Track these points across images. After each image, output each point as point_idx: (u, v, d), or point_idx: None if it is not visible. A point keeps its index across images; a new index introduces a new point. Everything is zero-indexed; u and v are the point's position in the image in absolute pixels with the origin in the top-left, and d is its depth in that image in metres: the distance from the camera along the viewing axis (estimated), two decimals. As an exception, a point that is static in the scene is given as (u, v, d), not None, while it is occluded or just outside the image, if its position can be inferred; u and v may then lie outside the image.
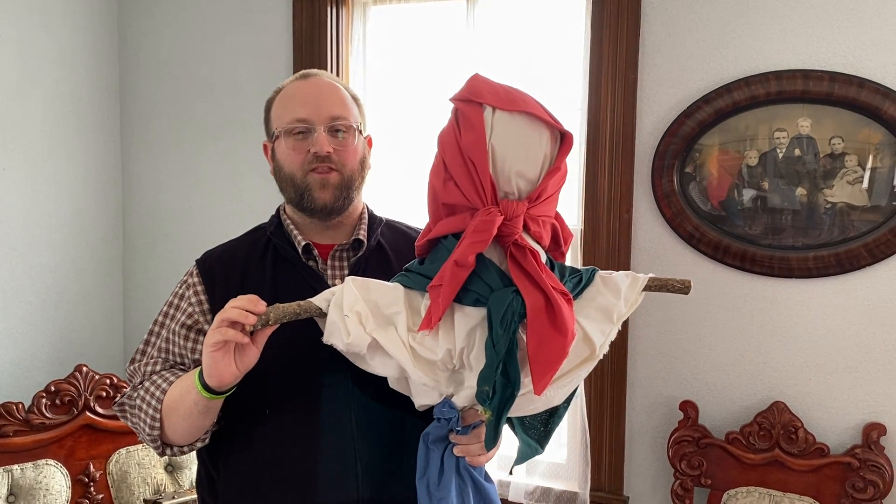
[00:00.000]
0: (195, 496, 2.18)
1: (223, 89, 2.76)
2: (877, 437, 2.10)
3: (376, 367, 1.18)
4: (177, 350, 1.41)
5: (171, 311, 1.44)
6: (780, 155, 2.16)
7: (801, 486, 2.13)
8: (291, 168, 1.40)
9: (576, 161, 2.39)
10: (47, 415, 2.25)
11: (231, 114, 2.76)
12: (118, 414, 1.43)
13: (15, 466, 2.16)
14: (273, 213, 1.52)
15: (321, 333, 1.25)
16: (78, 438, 2.29)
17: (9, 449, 2.16)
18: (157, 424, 1.33)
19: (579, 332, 1.14)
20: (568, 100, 2.41)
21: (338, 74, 2.62)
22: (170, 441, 1.36)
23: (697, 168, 2.23)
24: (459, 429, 1.17)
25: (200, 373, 1.23)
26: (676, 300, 2.28)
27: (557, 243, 1.23)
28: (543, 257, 1.17)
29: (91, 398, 2.31)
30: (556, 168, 1.15)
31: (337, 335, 1.14)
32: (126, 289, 2.91)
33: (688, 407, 2.24)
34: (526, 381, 1.10)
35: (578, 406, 2.36)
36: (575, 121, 2.37)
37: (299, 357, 1.34)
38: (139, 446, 2.35)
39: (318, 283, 1.37)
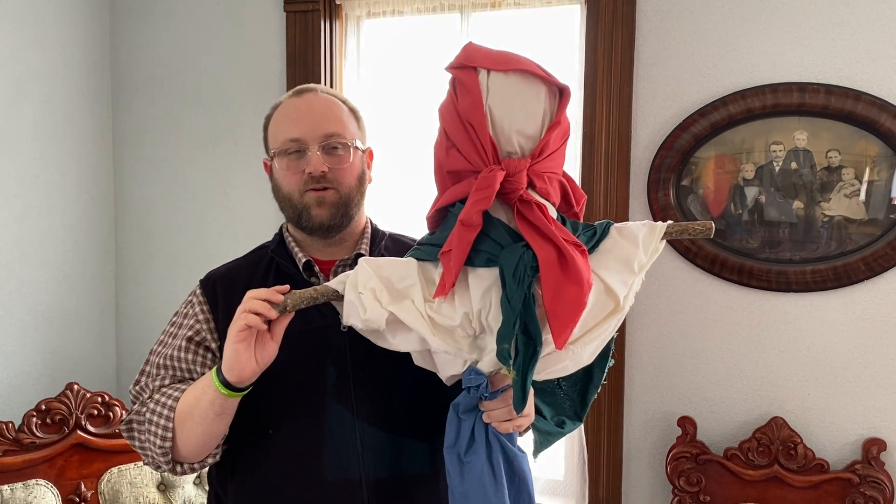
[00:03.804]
0: (187, 516, 2.16)
1: (216, 103, 2.75)
2: (877, 452, 2.08)
3: (398, 343, 1.17)
4: (183, 366, 1.39)
5: (175, 330, 1.43)
6: (777, 168, 2.15)
7: (801, 502, 2.11)
8: (288, 189, 1.39)
9: (572, 173, 2.37)
10: (38, 434, 2.22)
11: (224, 128, 2.75)
12: (124, 434, 1.40)
13: (5, 487, 2.13)
14: (274, 229, 1.51)
15: (322, 351, 1.28)
16: (69, 458, 2.26)
17: (-1, 469, 2.14)
18: (170, 434, 1.30)
19: (600, 284, 1.12)
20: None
21: (331, 88, 2.61)
22: (181, 456, 1.34)
23: (694, 181, 2.22)
24: (488, 395, 1.16)
25: (218, 370, 1.23)
26: (673, 314, 2.27)
27: (569, 203, 1.22)
28: (553, 212, 1.16)
29: (82, 417, 2.29)
30: (556, 122, 1.15)
31: (354, 314, 1.14)
32: (119, 305, 2.89)
33: (686, 423, 2.22)
34: (548, 339, 1.08)
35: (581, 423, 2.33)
36: (571, 133, 2.36)
37: (301, 376, 1.34)
38: (131, 465, 2.32)
39: None
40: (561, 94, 1.17)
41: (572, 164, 2.37)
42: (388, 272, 1.17)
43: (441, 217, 1.22)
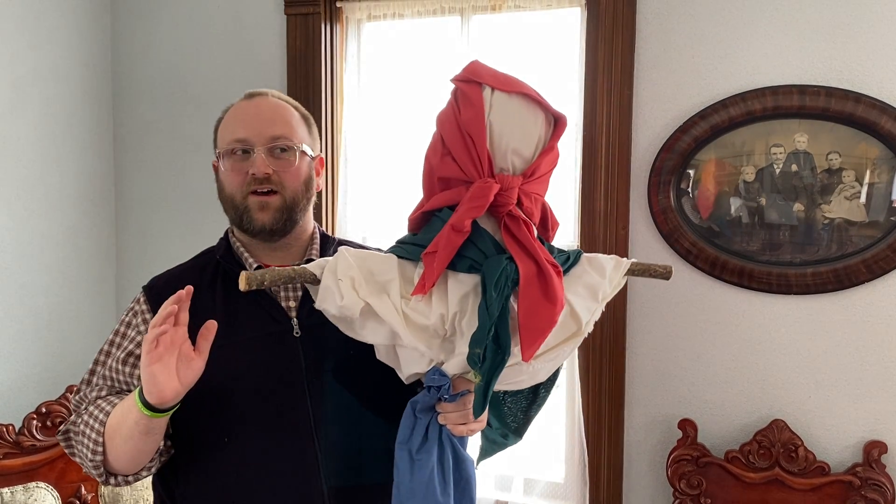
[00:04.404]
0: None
1: (217, 106, 2.68)
2: (878, 455, 2.08)
3: (367, 334, 1.18)
4: (122, 378, 1.36)
5: (118, 340, 1.39)
6: (777, 170, 2.15)
7: (802, 505, 2.11)
8: (231, 189, 1.37)
9: (572, 177, 2.38)
10: (38, 437, 2.22)
11: (225, 131, 2.74)
12: (62, 443, 1.37)
13: (5, 489, 2.13)
14: (222, 235, 1.48)
15: (276, 357, 1.28)
16: (69, 460, 2.25)
17: (-1, 472, 2.14)
18: (100, 449, 1.28)
19: (567, 307, 1.17)
20: (563, 115, 2.40)
21: (332, 91, 2.61)
22: (113, 468, 1.31)
23: (694, 184, 2.22)
24: (448, 396, 1.18)
25: (141, 389, 1.18)
26: (673, 317, 2.27)
27: (545, 227, 1.25)
28: (535, 232, 1.20)
29: (83, 419, 2.28)
30: (549, 148, 1.19)
31: (330, 300, 1.15)
32: (119, 307, 2.88)
33: (686, 425, 2.22)
34: (515, 351, 1.13)
35: (576, 425, 2.34)
36: (570, 137, 2.36)
37: (256, 382, 1.31)
38: (131, 468, 2.32)
39: (271, 305, 1.36)
40: (556, 123, 1.21)
41: (573, 167, 2.37)
42: (369, 264, 1.18)
43: (425, 220, 1.24)
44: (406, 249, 1.21)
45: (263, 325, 1.33)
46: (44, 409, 2.24)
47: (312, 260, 1.40)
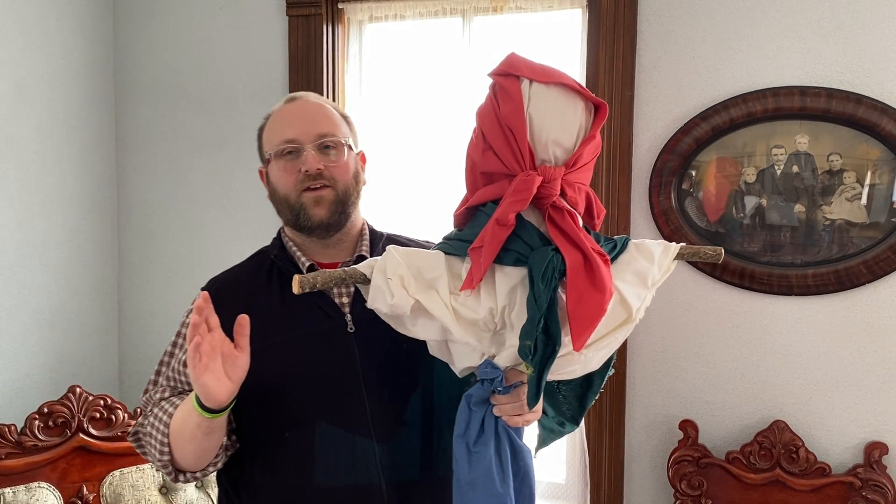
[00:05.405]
0: (189, 519, 2.16)
1: (219, 107, 2.75)
2: (878, 455, 2.08)
3: (418, 331, 1.20)
4: (184, 379, 1.41)
5: (180, 342, 1.44)
6: (779, 171, 2.15)
7: (803, 506, 2.11)
8: (285, 189, 1.41)
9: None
10: (40, 437, 2.22)
11: (227, 131, 2.75)
12: (133, 444, 1.43)
13: (7, 490, 2.13)
14: (274, 235, 1.52)
15: (331, 352, 1.31)
16: (71, 461, 2.26)
17: (1, 471, 2.13)
18: (167, 450, 1.33)
19: (616, 295, 1.17)
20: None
21: (333, 92, 2.61)
22: (181, 467, 1.36)
23: (695, 185, 2.22)
24: (501, 388, 1.19)
25: (197, 395, 1.23)
26: (674, 317, 2.27)
27: (591, 215, 1.26)
28: (579, 221, 1.21)
29: (85, 420, 2.29)
30: (591, 136, 1.19)
31: (381, 298, 1.17)
32: (121, 308, 2.89)
33: (687, 426, 2.22)
34: (566, 341, 1.13)
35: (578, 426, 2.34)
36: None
37: (313, 378, 1.35)
38: (133, 468, 2.32)
39: (325, 303, 1.39)
40: (597, 110, 1.21)
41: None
42: (417, 262, 1.19)
43: (470, 215, 1.25)
44: (452, 245, 1.22)
45: (318, 322, 1.37)
46: (46, 410, 2.25)
47: (363, 256, 1.44)
